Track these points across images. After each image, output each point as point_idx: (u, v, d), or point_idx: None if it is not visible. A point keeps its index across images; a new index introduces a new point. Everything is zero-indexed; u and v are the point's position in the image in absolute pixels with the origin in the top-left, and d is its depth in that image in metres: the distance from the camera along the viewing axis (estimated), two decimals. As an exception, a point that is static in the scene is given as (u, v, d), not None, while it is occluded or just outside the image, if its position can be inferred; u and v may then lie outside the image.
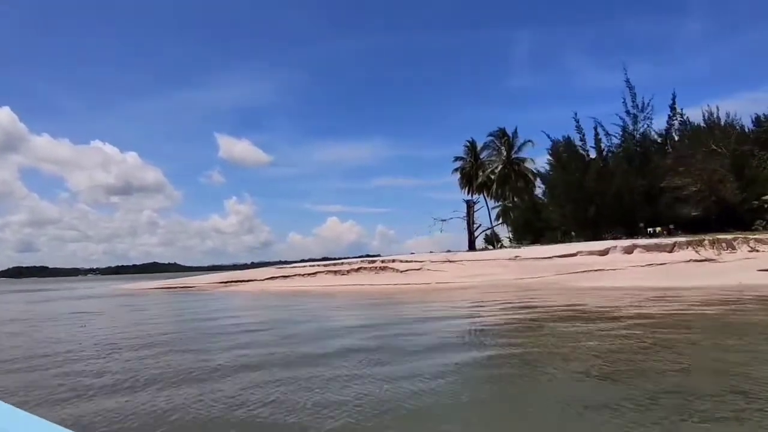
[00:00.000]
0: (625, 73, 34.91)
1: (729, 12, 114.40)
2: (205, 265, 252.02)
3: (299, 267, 39.31)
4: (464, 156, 73.62)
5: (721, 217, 36.44)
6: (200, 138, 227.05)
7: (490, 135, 69.41)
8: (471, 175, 73.30)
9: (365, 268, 33.88)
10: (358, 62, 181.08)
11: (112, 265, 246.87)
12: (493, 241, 70.85)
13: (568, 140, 36.43)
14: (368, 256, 53.68)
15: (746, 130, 38.44)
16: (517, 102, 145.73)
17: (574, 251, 25.09)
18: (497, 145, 70.07)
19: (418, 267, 28.56)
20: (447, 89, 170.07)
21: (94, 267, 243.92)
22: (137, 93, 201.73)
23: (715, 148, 36.95)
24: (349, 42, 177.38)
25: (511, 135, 68.03)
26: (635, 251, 24.20)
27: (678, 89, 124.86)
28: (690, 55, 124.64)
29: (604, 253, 24.37)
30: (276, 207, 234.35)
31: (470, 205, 68.82)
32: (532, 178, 68.06)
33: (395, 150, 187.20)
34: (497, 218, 74.10)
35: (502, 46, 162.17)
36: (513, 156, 68.09)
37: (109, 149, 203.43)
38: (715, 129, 36.37)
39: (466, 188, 74.19)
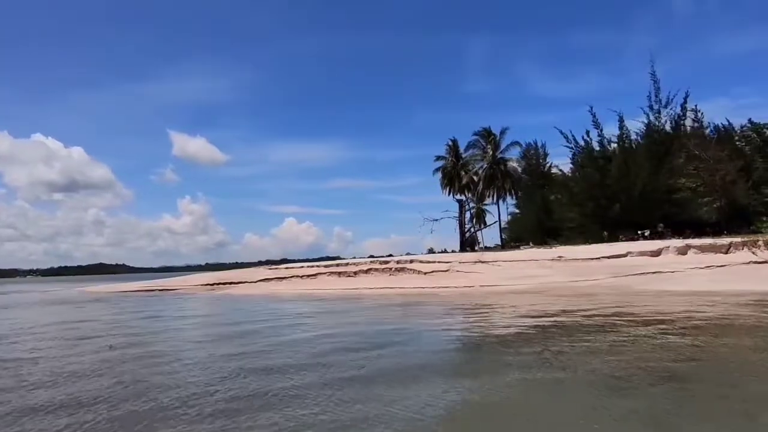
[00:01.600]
0: (652, 66, 33.43)
1: (675, 28, 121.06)
2: (156, 266, 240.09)
3: (296, 267, 35.57)
4: (446, 155, 72.00)
5: (731, 218, 36.14)
6: (152, 134, 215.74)
7: (476, 134, 68.10)
8: (453, 175, 71.72)
9: (377, 270, 30.71)
10: (316, 63, 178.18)
11: (55, 266, 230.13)
12: (473, 243, 69.36)
13: (586, 136, 34.78)
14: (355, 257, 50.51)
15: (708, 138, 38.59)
16: (471, 107, 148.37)
17: (623, 252, 23.11)
18: (483, 144, 68.84)
19: (446, 268, 25.77)
20: (403, 92, 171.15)
21: (35, 268, 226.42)
22: (84, 85, 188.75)
23: (696, 152, 36.63)
24: (307, 42, 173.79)
25: (498, 134, 66.89)
26: (689, 252, 22.53)
27: (625, 100, 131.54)
28: (637, 68, 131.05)
29: (657, 254, 22.54)
30: (231, 207, 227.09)
31: (462, 204, 66.94)
32: (517, 178, 67.18)
33: (352, 152, 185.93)
34: (471, 219, 72.73)
35: (457, 51, 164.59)
36: (498, 156, 66.91)
37: (53, 143, 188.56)
38: (682, 134, 35.76)
39: (448, 188, 72.41)
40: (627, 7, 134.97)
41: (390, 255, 39.93)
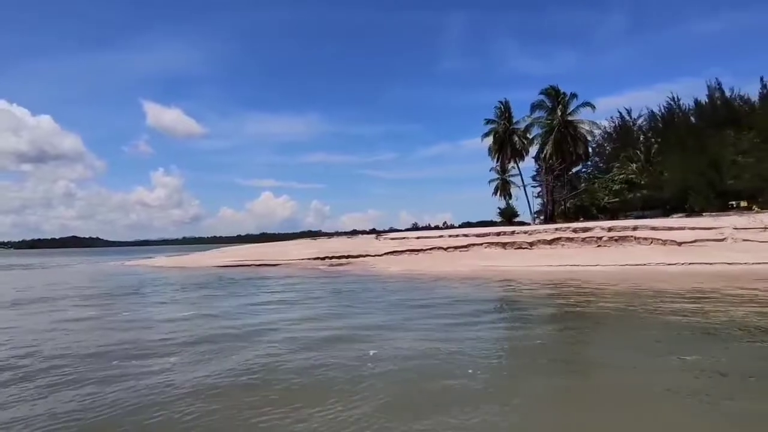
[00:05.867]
0: None
1: (647, 9, 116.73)
2: (130, 239, 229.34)
3: (431, 237, 27.65)
4: (496, 119, 64.64)
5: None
6: (125, 104, 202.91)
7: (542, 93, 60.92)
8: (504, 140, 64.58)
9: (568, 239, 23.08)
10: (294, 35, 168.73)
11: (27, 239, 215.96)
12: (511, 216, 62.96)
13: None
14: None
15: None
16: (447, 83, 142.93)
17: None
18: (549, 105, 61.66)
19: (716, 236, 18.29)
20: (379, 68, 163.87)
21: (5, 240, 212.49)
22: (51, 52, 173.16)
23: None
24: (284, 13, 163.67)
25: (568, 94, 59.84)
26: None
27: (598, 78, 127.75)
28: (610, 47, 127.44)
29: None
30: (206, 180, 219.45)
31: (552, 169, 59.86)
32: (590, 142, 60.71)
33: (329, 126, 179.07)
34: (496, 191, 65.77)
35: (434, 28, 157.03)
36: (568, 118, 59.98)
37: (18, 111, 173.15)
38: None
39: (497, 154, 65.52)
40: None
41: (432, 227, 32.46)
